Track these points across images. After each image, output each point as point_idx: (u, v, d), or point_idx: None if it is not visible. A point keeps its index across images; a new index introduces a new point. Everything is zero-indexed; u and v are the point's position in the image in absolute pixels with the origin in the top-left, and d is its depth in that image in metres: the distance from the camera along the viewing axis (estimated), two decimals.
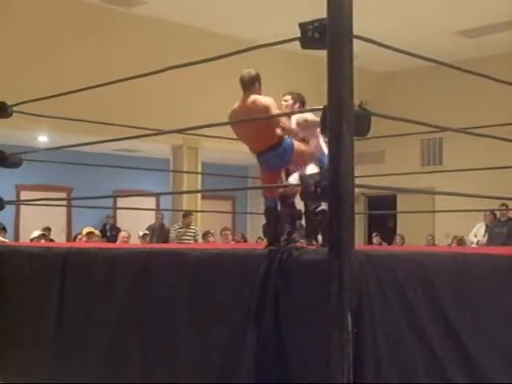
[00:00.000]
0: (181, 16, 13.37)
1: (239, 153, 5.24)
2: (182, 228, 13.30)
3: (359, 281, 3.22)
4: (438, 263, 3.83)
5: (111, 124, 7.97)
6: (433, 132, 9.18)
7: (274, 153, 5.03)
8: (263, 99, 5.08)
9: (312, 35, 3.38)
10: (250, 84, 5.17)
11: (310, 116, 5.36)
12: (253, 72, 5.26)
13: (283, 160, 5.11)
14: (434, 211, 15.67)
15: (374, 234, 15.89)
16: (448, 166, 15.18)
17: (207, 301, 3.94)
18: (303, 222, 5.64)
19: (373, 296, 3.32)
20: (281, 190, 5.21)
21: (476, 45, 14.57)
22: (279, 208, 5.30)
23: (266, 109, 5.01)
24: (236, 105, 5.18)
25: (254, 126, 5.00)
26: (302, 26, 3.44)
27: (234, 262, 3.91)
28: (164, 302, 4.20)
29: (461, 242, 14.12)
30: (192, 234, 13.22)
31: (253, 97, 5.12)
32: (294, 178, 5.44)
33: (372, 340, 3.26)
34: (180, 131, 6.06)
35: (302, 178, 3.35)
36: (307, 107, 5.55)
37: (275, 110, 5.02)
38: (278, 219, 5.14)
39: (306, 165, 5.28)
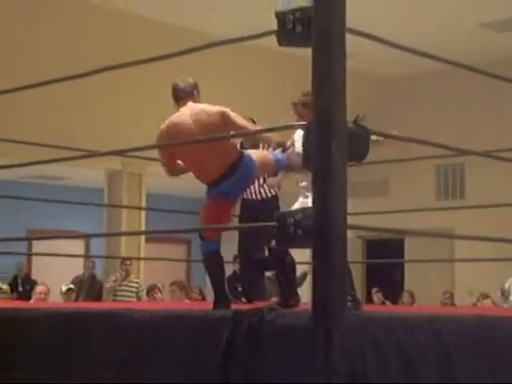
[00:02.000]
0: (138, 7, 13.43)
1: (195, 181, 5.26)
2: (119, 281, 13.22)
3: (353, 353, 3.21)
4: (458, 330, 3.83)
5: (27, 143, 7.93)
6: (452, 156, 9.23)
7: (235, 177, 5.13)
8: (212, 107, 5.25)
9: (293, 28, 3.38)
10: (188, 93, 5.37)
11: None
12: (190, 79, 5.49)
13: (248, 180, 5.38)
14: (454, 260, 15.74)
15: (374, 290, 15.89)
16: (472, 200, 15.27)
17: (150, 380, 3.90)
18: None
19: (370, 373, 3.31)
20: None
21: (508, 41, 14.70)
22: None
23: (223, 115, 5.17)
24: (168, 122, 5.26)
25: (210, 143, 5.09)
26: (281, 15, 3.43)
27: (188, 327, 3.88)
28: (93, 380, 4.16)
29: (488, 300, 14.15)
30: (134, 290, 13.15)
31: (197, 106, 5.27)
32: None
33: None
34: (118, 153, 6.06)
35: (279, 216, 3.32)
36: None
37: (234, 115, 5.19)
38: (222, 268, 5.33)
39: (272, 172, 5.76)
